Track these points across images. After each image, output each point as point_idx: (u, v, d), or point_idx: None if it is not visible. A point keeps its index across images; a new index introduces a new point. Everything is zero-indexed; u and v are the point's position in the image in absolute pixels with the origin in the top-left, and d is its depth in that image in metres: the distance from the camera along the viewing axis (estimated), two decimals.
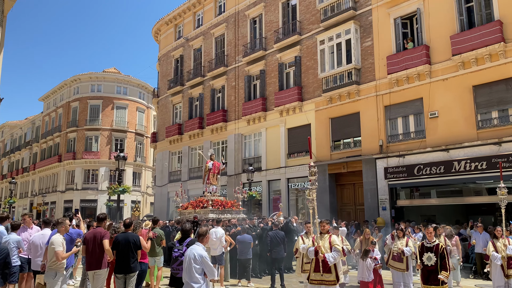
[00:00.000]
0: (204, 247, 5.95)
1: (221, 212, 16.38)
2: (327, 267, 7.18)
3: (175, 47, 32.79)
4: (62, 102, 48.85)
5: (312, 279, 7.36)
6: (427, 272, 7.36)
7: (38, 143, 54.32)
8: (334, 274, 7.19)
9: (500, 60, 15.25)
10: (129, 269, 7.45)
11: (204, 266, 5.66)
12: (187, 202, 18.10)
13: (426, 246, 7.52)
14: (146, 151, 48.80)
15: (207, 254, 5.92)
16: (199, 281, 5.61)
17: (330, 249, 7.29)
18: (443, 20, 16.95)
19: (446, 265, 7.19)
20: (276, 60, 24.07)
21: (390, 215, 17.70)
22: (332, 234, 7.66)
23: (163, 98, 33.68)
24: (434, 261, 7.28)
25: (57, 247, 7.08)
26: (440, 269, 7.22)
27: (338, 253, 7.22)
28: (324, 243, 7.41)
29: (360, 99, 19.51)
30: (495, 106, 15.52)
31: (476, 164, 15.19)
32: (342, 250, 7.37)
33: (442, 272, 7.18)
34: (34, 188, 53.28)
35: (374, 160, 18.49)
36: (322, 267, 7.18)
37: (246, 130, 25.55)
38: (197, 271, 5.63)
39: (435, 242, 7.41)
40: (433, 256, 7.30)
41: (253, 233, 13.32)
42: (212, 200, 16.67)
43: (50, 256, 7.14)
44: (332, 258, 7.16)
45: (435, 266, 7.26)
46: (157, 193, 32.85)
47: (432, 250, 7.38)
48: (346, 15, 20.20)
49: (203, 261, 5.65)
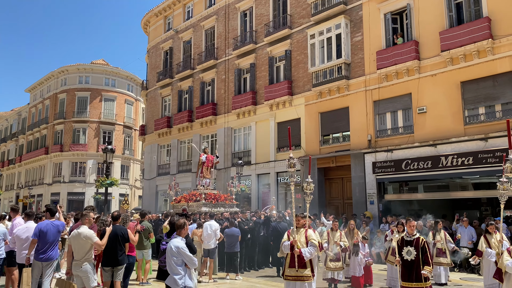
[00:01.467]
0: (183, 239, 6.02)
1: (214, 205, 16.35)
2: (303, 262, 6.94)
3: (164, 39, 32.49)
4: (49, 94, 48.17)
5: (287, 275, 7.08)
6: (407, 267, 6.98)
7: (24, 135, 53.56)
8: (310, 269, 6.96)
9: (488, 56, 15.42)
10: (117, 262, 7.41)
11: (183, 256, 5.78)
12: (180, 196, 18.01)
13: (405, 240, 7.16)
14: (135, 144, 48.46)
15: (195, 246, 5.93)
16: (180, 272, 5.75)
17: (306, 244, 7.04)
18: (433, 16, 17.05)
19: (429, 259, 6.84)
20: (267, 54, 24.00)
21: (377, 209, 17.87)
22: (309, 228, 7.43)
23: (152, 91, 33.40)
24: (414, 255, 6.91)
25: (93, 238, 6.97)
26: (423, 264, 6.83)
27: (314, 248, 7.00)
28: (300, 237, 7.16)
29: (350, 94, 19.58)
30: (482, 102, 15.70)
31: (463, 159, 15.38)
32: (319, 245, 7.15)
33: (425, 267, 6.77)
34: (20, 181, 52.59)
35: (363, 155, 18.61)
36: (298, 262, 6.94)
37: (236, 124, 25.50)
38: (177, 263, 5.77)
39: (415, 236, 7.07)
40: (413, 250, 6.93)
41: (246, 226, 13.25)
42: (205, 193, 16.62)
43: (84, 249, 6.93)
44: (308, 253, 6.92)
45: (416, 260, 6.88)
46: (146, 187, 32.68)
47: (412, 244, 7.02)
48: (336, 10, 20.20)
49: (180, 252, 5.77)
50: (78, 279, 6.99)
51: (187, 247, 6.40)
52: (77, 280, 7.01)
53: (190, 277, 5.95)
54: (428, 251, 6.87)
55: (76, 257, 6.94)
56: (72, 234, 7.00)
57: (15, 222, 9.08)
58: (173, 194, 18.28)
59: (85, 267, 6.91)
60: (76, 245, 6.94)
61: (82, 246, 6.91)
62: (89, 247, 6.98)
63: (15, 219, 9.24)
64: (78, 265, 6.92)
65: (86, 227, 7.08)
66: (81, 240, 6.89)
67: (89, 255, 6.99)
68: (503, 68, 15.12)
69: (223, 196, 17.18)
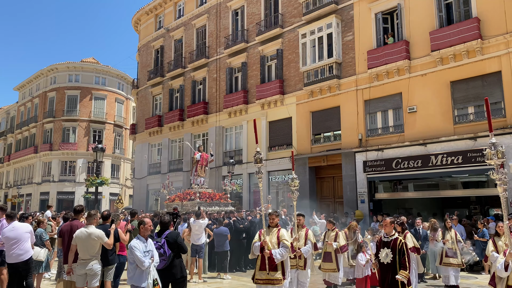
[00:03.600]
0: (141, 238, 6.21)
1: (209, 204, 16.14)
2: (274, 265, 6.49)
3: (155, 37, 32.31)
4: (38, 92, 47.65)
5: (257, 278, 6.62)
6: (384, 271, 6.25)
7: (13, 134, 52.94)
8: (281, 272, 6.52)
9: (477, 56, 15.58)
10: (107, 261, 7.36)
11: (133, 256, 6.00)
12: (174, 195, 17.82)
13: (383, 240, 6.43)
14: (125, 143, 48.14)
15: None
16: (129, 270, 6.11)
17: (278, 245, 6.58)
18: (423, 16, 17.18)
19: (406, 263, 6.05)
20: (258, 53, 23.99)
21: (368, 208, 17.97)
22: (281, 228, 6.96)
23: (143, 89, 33.21)
24: (391, 258, 6.16)
25: (104, 238, 7.02)
26: (399, 268, 6.07)
27: (286, 249, 6.53)
28: (271, 237, 6.71)
29: (341, 93, 19.66)
30: (472, 101, 15.86)
31: (452, 158, 15.53)
32: (291, 245, 6.72)
33: (401, 271, 6.01)
34: (9, 180, 51.98)
35: (354, 154, 18.70)
36: (269, 264, 6.49)
37: (227, 123, 25.46)
38: (129, 261, 6.12)
39: (393, 236, 6.33)
40: (390, 253, 6.18)
41: (241, 225, 13.07)
42: (199, 192, 16.42)
43: (94, 249, 6.97)
44: (279, 255, 6.46)
45: (392, 264, 6.13)
46: (136, 186, 32.49)
47: (389, 245, 6.25)
48: (328, 9, 20.26)
49: (131, 251, 6.01)
50: (80, 278, 6.95)
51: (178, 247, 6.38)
52: (78, 279, 6.97)
53: (142, 277, 5.97)
54: (406, 253, 6.14)
55: (83, 256, 6.91)
56: (79, 234, 6.90)
57: (3, 221, 8.97)
58: (167, 193, 18.07)
59: (95, 265, 6.95)
60: (85, 245, 6.90)
61: (92, 245, 6.92)
62: (99, 246, 7.02)
63: (3, 219, 9.13)
64: (85, 264, 6.89)
65: (94, 226, 7.08)
66: (92, 240, 6.91)
67: (98, 254, 7.04)
68: (492, 68, 15.29)
69: (218, 195, 17.00)
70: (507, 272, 5.44)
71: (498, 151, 4.83)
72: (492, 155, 4.89)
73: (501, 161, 4.82)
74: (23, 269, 7.73)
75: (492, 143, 4.90)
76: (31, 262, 7.98)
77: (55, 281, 10.46)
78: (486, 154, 4.93)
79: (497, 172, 4.88)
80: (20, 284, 7.82)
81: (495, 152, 4.85)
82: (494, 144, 4.88)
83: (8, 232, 7.87)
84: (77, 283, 7.01)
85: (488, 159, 4.90)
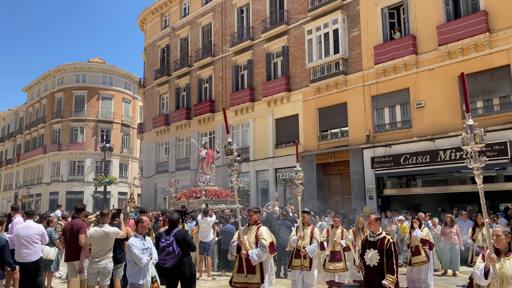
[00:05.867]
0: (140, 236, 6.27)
1: (215, 202, 15.91)
2: (251, 267, 5.87)
3: (161, 36, 32.37)
4: (46, 93, 48.01)
5: (235, 281, 6.02)
6: (370, 274, 5.54)
7: (22, 135, 53.41)
8: (259, 275, 5.90)
9: (485, 50, 15.40)
10: (116, 260, 7.40)
11: (132, 254, 6.05)
12: (180, 193, 17.73)
13: (369, 240, 5.70)
14: (133, 142, 48.36)
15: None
16: (128, 268, 6.28)
17: (256, 244, 5.96)
18: (430, 10, 17.01)
19: (394, 266, 5.33)
20: (264, 50, 23.94)
21: (376, 204, 17.89)
22: (262, 226, 6.29)
23: (149, 89, 33.31)
24: (377, 260, 5.44)
25: (119, 233, 7.19)
26: (387, 271, 5.35)
27: (263, 249, 5.86)
28: (249, 236, 6.07)
29: (347, 89, 19.55)
30: (480, 96, 15.71)
31: (461, 153, 15.39)
32: (270, 245, 6.02)
33: (387, 276, 5.30)
34: (19, 180, 52.48)
35: (361, 150, 18.60)
36: (246, 266, 5.87)
37: (234, 121, 25.45)
38: (128, 259, 6.23)
39: (380, 235, 5.59)
40: (377, 254, 5.46)
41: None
42: (205, 190, 16.25)
43: (110, 247, 7.07)
44: (256, 256, 5.83)
45: (379, 267, 5.42)
46: (144, 185, 32.64)
47: (376, 245, 5.53)
48: (333, 5, 20.14)
49: (129, 249, 6.05)
50: (92, 276, 7.00)
51: (187, 245, 6.39)
52: (90, 278, 7.03)
53: (140, 275, 6.02)
54: (394, 255, 5.41)
55: (96, 255, 6.96)
56: (94, 233, 6.94)
57: (15, 221, 9.07)
58: (173, 191, 18.01)
59: (109, 264, 7.03)
60: (101, 244, 6.96)
61: (107, 244, 7.02)
62: (113, 244, 7.12)
63: (15, 218, 9.23)
64: (98, 262, 6.95)
65: (108, 225, 7.15)
66: (109, 239, 7.01)
67: (111, 252, 7.14)
68: (501, 62, 15.11)
69: (224, 193, 16.82)
70: (488, 280, 4.22)
71: (475, 135, 3.97)
72: (469, 140, 4.00)
73: (479, 147, 3.99)
74: (33, 268, 7.81)
75: (469, 125, 4.01)
76: (40, 261, 8.05)
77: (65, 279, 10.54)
78: (462, 139, 4.05)
79: (474, 160, 4.02)
80: (31, 283, 7.89)
81: (471, 136, 3.99)
82: (471, 127, 4.01)
83: (20, 230, 7.96)
84: (89, 281, 7.06)
85: (464, 144, 4.03)
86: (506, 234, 4.31)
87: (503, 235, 4.31)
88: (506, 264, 4.23)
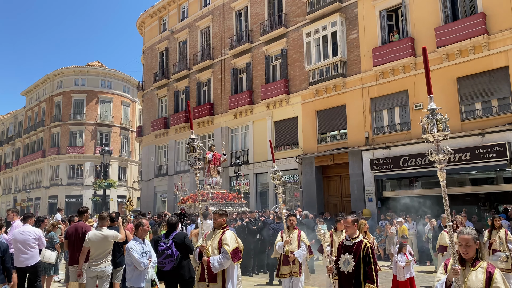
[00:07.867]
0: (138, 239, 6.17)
1: (222, 205, 15.63)
2: (212, 275, 5.42)
3: (160, 39, 32.40)
4: (45, 97, 48.00)
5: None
6: (344, 281, 4.87)
7: (21, 138, 53.36)
8: (220, 284, 5.42)
9: (484, 52, 15.44)
10: (115, 264, 7.39)
11: (131, 257, 5.97)
12: (187, 195, 17.47)
13: (344, 244, 5.02)
14: (132, 146, 48.33)
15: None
16: (128, 272, 6.13)
17: (220, 250, 5.48)
18: (428, 12, 17.06)
19: (373, 273, 4.65)
20: (263, 53, 23.98)
21: (376, 206, 17.88)
22: (228, 230, 5.82)
23: (148, 92, 33.32)
24: (352, 266, 4.76)
25: (118, 236, 7.18)
26: (364, 280, 4.67)
27: (226, 255, 5.38)
28: (213, 241, 5.59)
29: (346, 92, 19.58)
30: (479, 97, 15.73)
31: (460, 155, 15.40)
32: (233, 252, 5.53)
33: (367, 285, 4.62)
34: (18, 184, 52.38)
35: (360, 152, 18.61)
36: (208, 275, 5.43)
37: (233, 124, 25.46)
38: (127, 262, 6.11)
39: (357, 239, 4.91)
40: (352, 259, 4.78)
41: (254, 227, 12.61)
42: (212, 193, 16.02)
43: (108, 251, 7.09)
44: (218, 263, 5.35)
45: (354, 273, 4.74)
46: (144, 188, 32.60)
47: (351, 250, 4.85)
48: (332, 8, 20.19)
49: (129, 252, 5.99)
50: (91, 280, 6.99)
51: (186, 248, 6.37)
52: (89, 282, 7.02)
53: (140, 278, 6.01)
54: (373, 261, 4.72)
55: (95, 258, 6.96)
56: (93, 236, 6.94)
57: (14, 225, 9.04)
58: (180, 194, 17.67)
59: (107, 267, 7.04)
60: (100, 247, 6.96)
61: (106, 247, 7.03)
62: (111, 248, 7.13)
63: (14, 222, 9.20)
64: (96, 266, 6.94)
65: (107, 228, 7.16)
66: (108, 242, 7.02)
67: (110, 256, 7.15)
68: (499, 64, 15.15)
69: (231, 195, 16.62)
70: None
71: (438, 120, 3.32)
72: (430, 127, 3.32)
73: (442, 135, 3.34)
74: (31, 272, 7.77)
75: (431, 109, 3.35)
76: (38, 266, 8.02)
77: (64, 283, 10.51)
78: (423, 126, 3.39)
79: (436, 152, 3.36)
80: (29, 287, 7.87)
81: (433, 122, 3.32)
82: (433, 111, 3.34)
83: (17, 234, 7.93)
84: (88, 285, 7.04)
85: (425, 132, 3.36)
86: (475, 241, 3.56)
87: (472, 243, 3.54)
88: (472, 276, 3.50)
